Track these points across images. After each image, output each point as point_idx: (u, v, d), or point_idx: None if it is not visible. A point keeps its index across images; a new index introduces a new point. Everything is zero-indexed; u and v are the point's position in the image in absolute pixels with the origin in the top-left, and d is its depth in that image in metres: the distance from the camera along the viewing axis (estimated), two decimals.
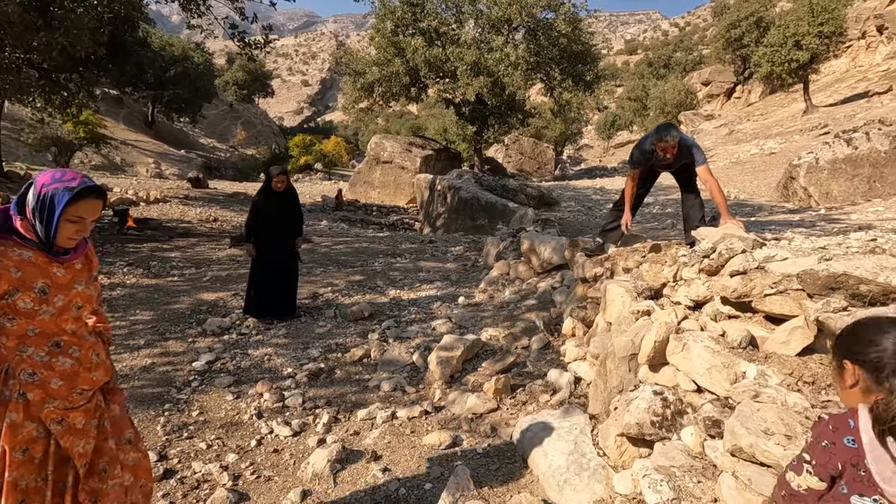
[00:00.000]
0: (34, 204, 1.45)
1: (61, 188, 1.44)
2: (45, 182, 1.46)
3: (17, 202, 1.47)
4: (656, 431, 2.14)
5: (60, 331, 1.52)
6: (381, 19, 19.16)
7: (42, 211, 1.44)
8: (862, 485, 1.00)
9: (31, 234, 1.47)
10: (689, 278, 2.79)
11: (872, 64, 31.42)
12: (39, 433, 1.49)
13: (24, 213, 1.47)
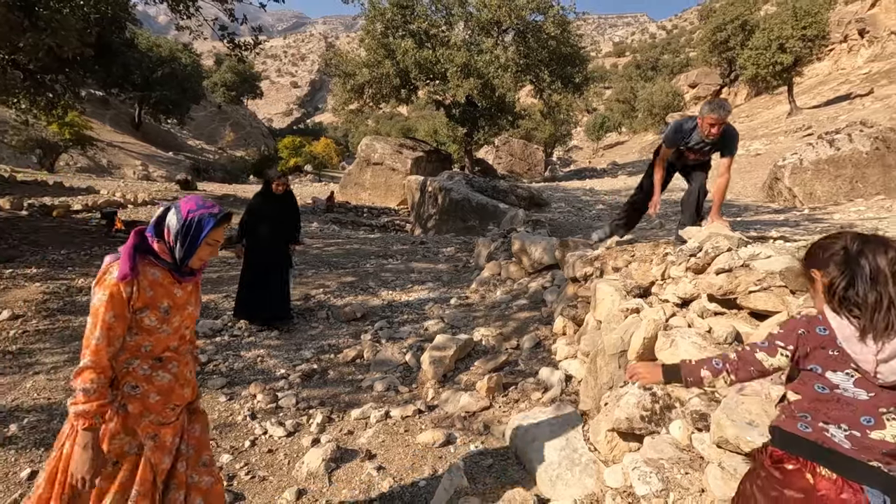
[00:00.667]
0: (178, 227, 1.54)
1: (206, 214, 1.56)
2: (192, 208, 1.56)
3: (155, 225, 1.56)
4: (645, 426, 2.19)
5: (166, 348, 1.59)
6: (371, 21, 19.16)
7: (186, 234, 1.54)
8: (835, 362, 1.19)
9: (167, 255, 1.56)
10: (676, 276, 2.85)
11: (854, 67, 32.05)
12: (131, 448, 1.53)
13: (160, 235, 1.55)
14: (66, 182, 15.06)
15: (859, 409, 1.16)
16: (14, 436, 2.79)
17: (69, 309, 4.77)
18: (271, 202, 4.79)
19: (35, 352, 3.85)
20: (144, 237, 1.55)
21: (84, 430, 1.41)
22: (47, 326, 4.32)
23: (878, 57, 30.94)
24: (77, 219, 9.72)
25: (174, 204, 1.59)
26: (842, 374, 1.18)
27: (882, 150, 10.76)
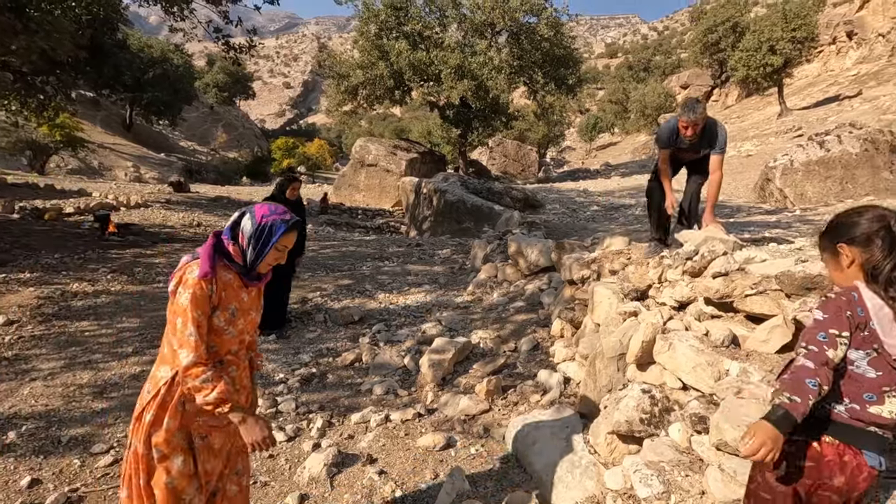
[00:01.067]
0: (252, 231, 1.59)
1: (279, 220, 1.61)
2: (265, 214, 1.61)
3: (231, 229, 1.61)
4: (645, 428, 2.22)
5: (228, 351, 1.62)
6: (365, 22, 19.16)
7: (259, 238, 1.59)
8: (861, 342, 1.24)
9: (239, 258, 1.61)
10: (673, 280, 2.89)
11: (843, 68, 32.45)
12: (185, 446, 1.57)
13: (235, 239, 1.61)
14: (57, 184, 14.90)
15: (864, 385, 1.24)
16: (13, 443, 2.78)
17: (64, 314, 4.74)
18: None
19: (31, 358, 3.82)
20: (221, 239, 1.60)
21: (231, 412, 1.51)
22: (43, 332, 4.29)
23: (865, 59, 31.35)
24: (69, 222, 9.63)
25: (249, 209, 1.63)
26: (862, 352, 1.24)
27: (871, 152, 10.91)
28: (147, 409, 1.53)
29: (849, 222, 1.29)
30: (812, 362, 1.23)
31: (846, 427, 1.26)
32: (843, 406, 1.26)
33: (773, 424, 1.19)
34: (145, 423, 1.52)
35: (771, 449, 1.17)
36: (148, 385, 1.58)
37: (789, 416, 1.19)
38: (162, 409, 1.52)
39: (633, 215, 10.23)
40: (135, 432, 1.55)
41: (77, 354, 3.92)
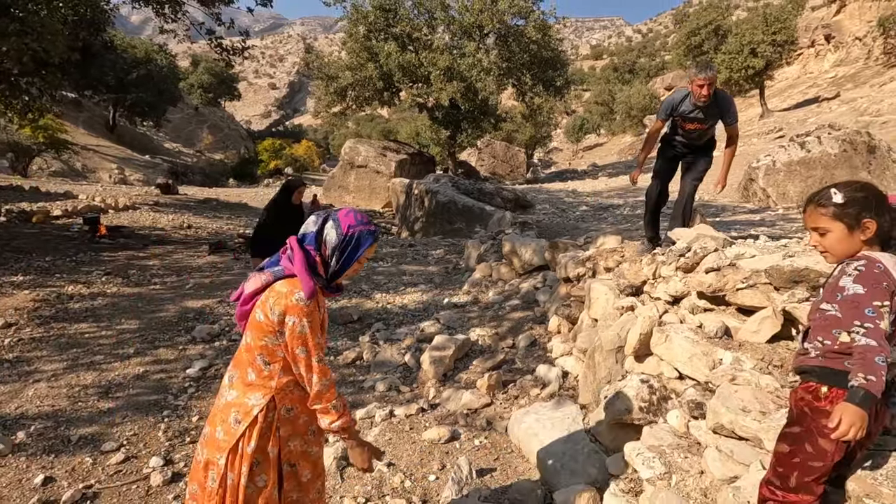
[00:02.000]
0: (337, 242, 1.51)
1: (365, 231, 1.54)
2: (351, 223, 1.53)
3: (315, 237, 1.53)
4: (644, 416, 2.33)
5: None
6: (354, 24, 19.18)
7: (344, 250, 1.52)
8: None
9: (322, 269, 1.53)
10: (667, 276, 3.02)
11: (821, 71, 33.22)
12: (276, 476, 1.54)
13: (319, 247, 1.52)
14: (42, 187, 14.68)
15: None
16: (23, 443, 2.81)
17: (62, 316, 4.73)
18: (284, 211, 4.59)
19: (33, 360, 3.83)
20: (308, 251, 1.52)
21: (350, 438, 1.56)
22: (42, 334, 4.28)
23: (843, 61, 32.14)
24: (58, 224, 9.53)
25: (332, 215, 1.55)
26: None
27: (849, 153, 11.24)
28: (246, 440, 1.45)
29: (871, 196, 1.42)
30: (874, 340, 1.30)
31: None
32: None
33: (858, 405, 1.26)
34: (246, 454, 1.45)
35: (860, 427, 1.25)
36: (235, 414, 1.48)
37: (870, 395, 1.27)
38: (263, 439, 1.47)
39: (621, 215, 10.42)
40: (231, 466, 1.45)
41: (79, 356, 3.93)
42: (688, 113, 3.75)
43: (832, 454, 1.37)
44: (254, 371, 1.49)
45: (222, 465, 1.46)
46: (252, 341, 1.49)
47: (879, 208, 1.39)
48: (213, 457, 1.49)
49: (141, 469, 2.67)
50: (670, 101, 3.85)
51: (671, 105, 3.84)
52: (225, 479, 1.46)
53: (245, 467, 1.45)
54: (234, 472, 1.46)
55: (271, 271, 1.50)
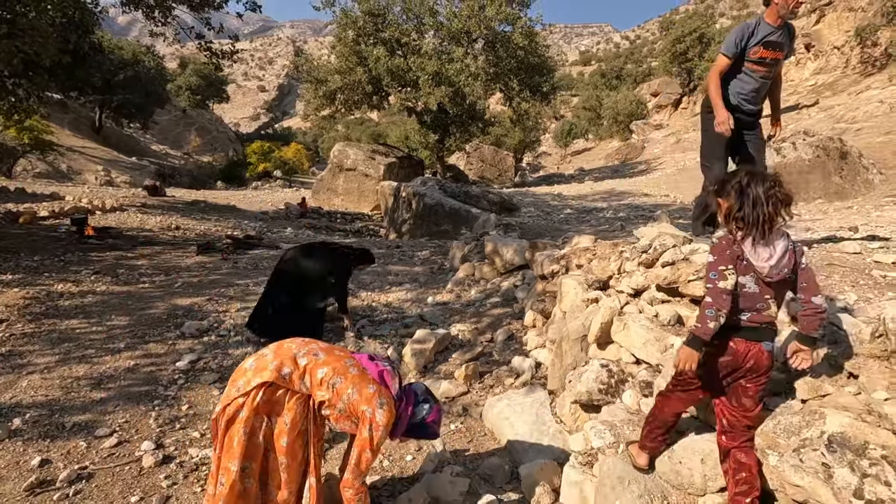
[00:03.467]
0: (417, 421, 2.06)
1: (437, 430, 2.13)
2: (435, 419, 2.10)
3: (419, 400, 2.11)
4: (603, 397, 2.54)
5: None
6: (343, 28, 19.35)
7: (415, 428, 2.06)
8: (743, 269, 1.76)
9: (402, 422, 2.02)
10: (630, 270, 3.24)
11: (802, 79, 34.03)
12: None
13: (417, 406, 2.08)
14: (27, 188, 14.61)
15: (756, 298, 1.78)
16: (18, 429, 2.93)
17: (52, 313, 4.84)
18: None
19: (25, 353, 3.94)
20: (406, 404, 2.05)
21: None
22: (34, 330, 4.39)
23: (822, 70, 32.98)
24: (45, 225, 9.56)
25: (431, 400, 2.12)
26: (748, 276, 1.77)
27: (822, 158, 11.65)
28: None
29: (723, 181, 1.85)
30: (710, 296, 1.74)
31: (748, 328, 1.79)
32: (745, 315, 1.78)
33: (687, 345, 1.77)
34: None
35: (689, 362, 1.76)
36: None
37: (697, 338, 1.74)
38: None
39: (604, 217, 10.69)
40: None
41: (70, 350, 4.05)
42: (766, 37, 3.10)
43: (709, 375, 1.83)
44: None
45: None
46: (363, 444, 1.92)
47: (727, 191, 1.77)
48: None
49: (133, 452, 2.82)
50: (743, 29, 3.17)
51: (745, 33, 3.15)
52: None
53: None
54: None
55: (388, 366, 2.14)
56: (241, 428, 1.82)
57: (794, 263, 1.74)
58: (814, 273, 1.78)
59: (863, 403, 1.46)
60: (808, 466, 1.38)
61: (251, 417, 1.85)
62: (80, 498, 2.43)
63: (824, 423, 1.41)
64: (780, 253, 1.70)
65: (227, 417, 1.85)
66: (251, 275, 6.96)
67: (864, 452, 1.31)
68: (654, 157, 28.29)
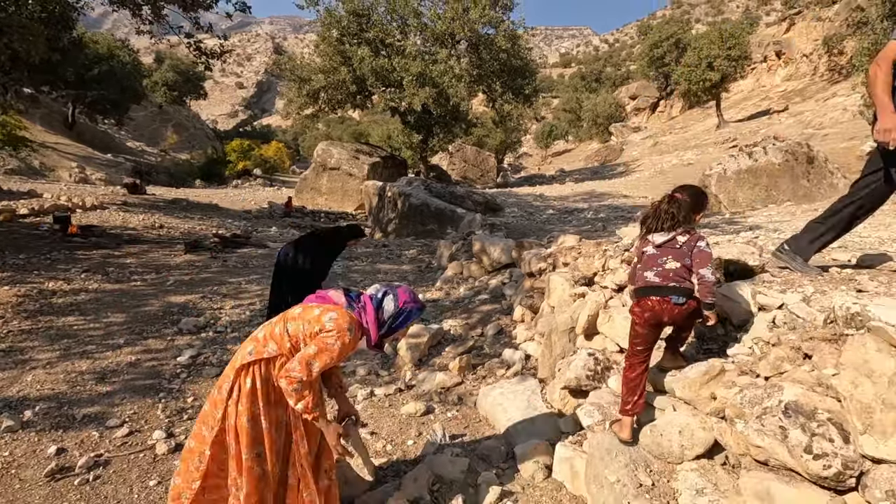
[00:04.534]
0: (392, 312, 1.94)
1: (416, 308, 1.99)
2: (407, 300, 1.97)
3: (378, 303, 1.95)
4: (590, 383, 2.78)
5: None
6: (327, 28, 19.36)
7: (395, 319, 1.95)
8: (645, 243, 2.35)
9: (373, 327, 1.93)
10: (613, 268, 3.48)
11: (773, 85, 35.21)
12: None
13: (378, 310, 1.94)
14: (3, 185, 14.29)
15: (657, 258, 2.26)
16: (30, 420, 3.03)
17: (47, 310, 4.87)
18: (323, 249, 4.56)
19: (26, 349, 4.00)
20: (379, 311, 1.93)
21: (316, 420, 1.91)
22: (31, 326, 4.43)
23: (792, 76, 34.17)
24: (26, 223, 9.43)
25: (392, 289, 1.98)
26: (649, 246, 2.31)
27: (791, 162, 12.21)
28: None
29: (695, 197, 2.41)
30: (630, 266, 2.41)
31: (657, 287, 2.22)
32: (652, 273, 2.27)
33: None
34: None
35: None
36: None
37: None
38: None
39: (585, 218, 11.01)
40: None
41: (71, 346, 4.12)
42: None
43: (643, 330, 2.27)
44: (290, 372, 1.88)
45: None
46: (303, 349, 1.87)
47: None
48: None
49: (146, 441, 2.94)
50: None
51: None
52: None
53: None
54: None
55: (348, 299, 1.93)
56: (244, 416, 1.87)
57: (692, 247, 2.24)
58: (707, 255, 2.20)
59: (815, 378, 1.70)
60: (768, 430, 1.61)
61: (249, 406, 1.87)
62: (101, 483, 2.55)
63: (782, 394, 1.65)
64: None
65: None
66: (242, 273, 7.05)
67: (813, 416, 1.55)
68: (632, 159, 28.94)
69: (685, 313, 2.19)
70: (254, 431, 1.88)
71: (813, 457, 1.49)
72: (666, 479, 1.92)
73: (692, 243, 2.24)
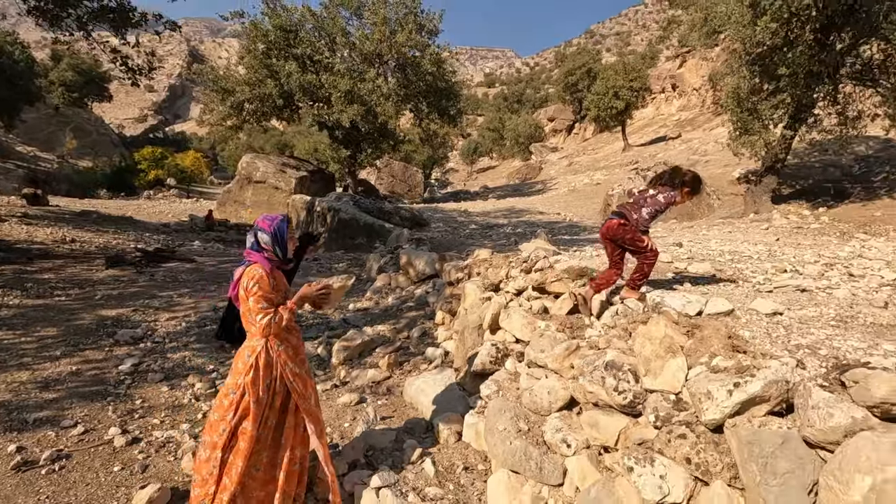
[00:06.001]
0: (270, 238, 2.37)
1: (279, 221, 2.42)
2: (267, 226, 2.39)
3: (255, 246, 2.39)
4: (493, 367, 3.50)
5: (290, 324, 2.46)
6: (253, 41, 19.29)
7: (275, 239, 2.38)
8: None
9: (272, 256, 2.39)
10: (515, 276, 4.28)
11: (670, 114, 39.39)
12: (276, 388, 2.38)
13: (263, 249, 2.39)
14: None
15: (632, 199, 3.20)
16: None
17: None
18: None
19: None
20: (262, 256, 2.38)
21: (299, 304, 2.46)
22: None
23: (685, 107, 38.45)
24: None
25: (255, 227, 2.41)
26: (636, 192, 3.27)
27: None
28: (258, 365, 2.30)
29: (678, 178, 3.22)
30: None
31: (613, 213, 3.19)
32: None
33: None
34: (260, 372, 2.29)
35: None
36: (247, 352, 2.31)
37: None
38: (268, 366, 2.32)
39: (503, 233, 12.03)
40: (249, 387, 2.29)
41: (6, 359, 4.20)
42: None
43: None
44: (252, 326, 2.32)
45: (241, 384, 2.28)
46: (243, 308, 2.35)
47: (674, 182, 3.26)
48: (229, 389, 2.32)
49: (102, 437, 3.24)
50: None
51: None
52: (241, 398, 2.28)
53: (261, 383, 2.29)
54: (252, 389, 2.27)
55: (242, 265, 2.39)
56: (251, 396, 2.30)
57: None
58: (655, 200, 3.12)
59: (627, 346, 2.52)
60: (595, 380, 2.39)
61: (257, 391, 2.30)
62: (67, 471, 2.85)
63: (605, 357, 2.44)
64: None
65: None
66: (171, 286, 7.15)
67: (620, 368, 2.35)
68: (549, 177, 31.09)
69: (615, 226, 3.09)
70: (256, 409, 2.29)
71: (618, 393, 2.28)
72: (538, 426, 2.66)
73: (656, 195, 3.12)
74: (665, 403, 2.14)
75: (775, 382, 1.83)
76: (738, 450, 1.78)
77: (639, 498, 1.96)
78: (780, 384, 1.83)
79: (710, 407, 1.92)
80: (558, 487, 2.42)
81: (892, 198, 10.25)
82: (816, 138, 11.85)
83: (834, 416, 1.59)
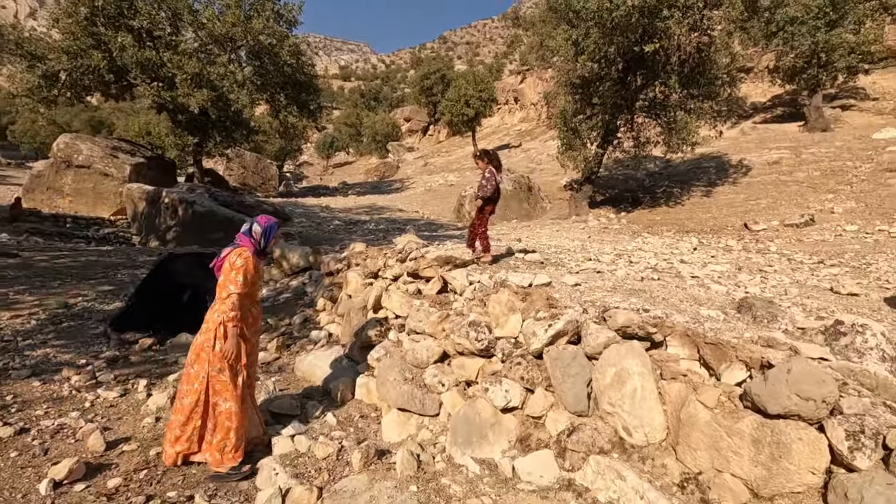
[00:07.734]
0: (262, 231, 2.97)
1: (273, 223, 3.02)
2: (264, 222, 2.99)
3: (248, 232, 2.94)
4: (377, 339, 4.23)
5: (255, 299, 3.06)
6: (73, 4, 16.75)
7: (265, 233, 2.97)
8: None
9: (257, 246, 2.95)
10: (391, 265, 5.04)
11: (512, 124, 43.77)
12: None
13: (251, 236, 2.94)
14: None
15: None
16: None
17: None
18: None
19: None
20: (247, 240, 2.91)
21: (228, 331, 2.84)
22: None
23: (525, 119, 43.07)
24: None
25: (253, 220, 3.00)
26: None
27: (517, 189, 16.26)
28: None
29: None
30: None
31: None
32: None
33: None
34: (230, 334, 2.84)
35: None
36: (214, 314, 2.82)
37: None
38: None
39: (368, 229, 12.69)
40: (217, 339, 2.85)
41: None
42: None
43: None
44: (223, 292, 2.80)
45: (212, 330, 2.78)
46: (223, 277, 2.81)
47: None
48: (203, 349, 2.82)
49: None
50: None
51: None
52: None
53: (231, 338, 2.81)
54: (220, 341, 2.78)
55: (232, 247, 2.91)
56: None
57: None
58: (488, 178, 4.37)
59: (483, 311, 3.51)
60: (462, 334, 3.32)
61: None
62: None
63: (469, 318, 3.39)
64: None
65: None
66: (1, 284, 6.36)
67: (479, 324, 3.31)
68: (406, 176, 32.40)
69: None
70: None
71: (478, 342, 3.21)
72: (420, 375, 3.47)
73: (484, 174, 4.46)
74: (508, 345, 3.12)
75: (571, 321, 2.92)
76: (550, 365, 2.81)
77: (492, 407, 2.89)
78: (573, 322, 2.92)
79: (535, 341, 2.94)
80: (436, 417, 3.27)
81: (668, 206, 13.45)
82: (619, 156, 14.86)
83: (598, 337, 2.70)
